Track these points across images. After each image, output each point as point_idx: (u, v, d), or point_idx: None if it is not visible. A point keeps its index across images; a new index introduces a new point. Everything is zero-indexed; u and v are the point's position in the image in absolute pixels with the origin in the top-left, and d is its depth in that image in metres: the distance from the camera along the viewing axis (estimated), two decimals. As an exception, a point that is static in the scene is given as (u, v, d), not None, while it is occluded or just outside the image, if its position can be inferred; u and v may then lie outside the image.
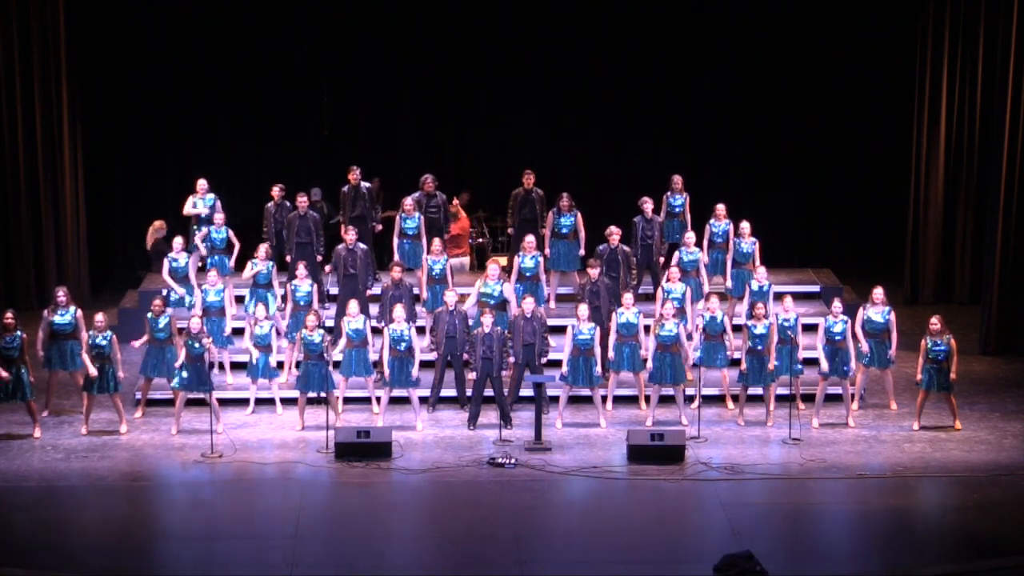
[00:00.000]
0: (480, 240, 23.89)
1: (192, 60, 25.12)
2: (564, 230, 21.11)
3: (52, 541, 15.86)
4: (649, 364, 19.17)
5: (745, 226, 20.99)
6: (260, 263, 20.49)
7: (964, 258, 24.35)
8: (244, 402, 19.64)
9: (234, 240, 21.38)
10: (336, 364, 19.21)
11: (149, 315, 19.28)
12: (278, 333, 19.76)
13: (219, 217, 21.42)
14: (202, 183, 21.81)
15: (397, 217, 21.34)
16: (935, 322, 18.85)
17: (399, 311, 18.98)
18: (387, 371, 18.83)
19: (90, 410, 18.87)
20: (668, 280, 20.01)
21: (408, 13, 25.25)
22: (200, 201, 21.81)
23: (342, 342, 19.17)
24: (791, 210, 25.63)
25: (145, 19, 24.94)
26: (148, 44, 25.03)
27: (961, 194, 24.17)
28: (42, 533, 16.05)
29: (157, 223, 23.39)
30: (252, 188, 24.04)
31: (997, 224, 22.08)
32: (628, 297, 19.39)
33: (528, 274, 20.50)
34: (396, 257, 21.05)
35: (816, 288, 22.10)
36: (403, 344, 18.84)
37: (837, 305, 19.34)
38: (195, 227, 21.73)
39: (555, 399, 19.38)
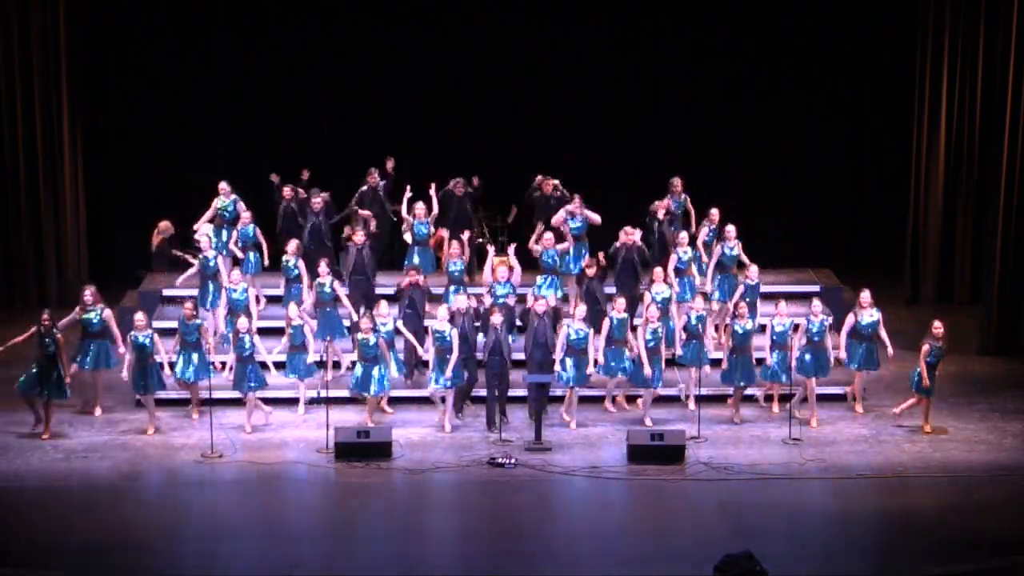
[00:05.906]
0: (480, 240, 23.86)
1: (192, 60, 25.12)
2: (577, 232, 21.07)
3: (52, 541, 15.84)
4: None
5: (730, 229, 20.81)
6: (291, 258, 20.40)
7: (964, 258, 24.33)
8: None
9: (261, 238, 21.27)
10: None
11: (180, 319, 19.11)
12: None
13: (246, 215, 21.26)
14: (224, 185, 21.60)
15: (407, 218, 21.28)
16: (938, 326, 18.77)
17: (443, 310, 18.93)
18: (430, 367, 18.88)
19: (152, 410, 18.89)
20: (653, 281, 19.97)
21: (409, 13, 25.24)
22: (224, 202, 21.53)
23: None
24: (791, 210, 25.61)
25: (144, 19, 24.94)
26: (148, 44, 25.03)
27: (961, 194, 24.17)
28: (42, 533, 16.04)
29: (162, 224, 23.33)
30: (252, 187, 24.00)
31: (997, 224, 22.07)
32: (621, 301, 19.32)
33: (547, 267, 20.46)
34: (407, 262, 20.95)
35: (816, 288, 22.05)
36: (446, 342, 18.80)
37: (817, 304, 19.25)
38: (219, 228, 21.43)
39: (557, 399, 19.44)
